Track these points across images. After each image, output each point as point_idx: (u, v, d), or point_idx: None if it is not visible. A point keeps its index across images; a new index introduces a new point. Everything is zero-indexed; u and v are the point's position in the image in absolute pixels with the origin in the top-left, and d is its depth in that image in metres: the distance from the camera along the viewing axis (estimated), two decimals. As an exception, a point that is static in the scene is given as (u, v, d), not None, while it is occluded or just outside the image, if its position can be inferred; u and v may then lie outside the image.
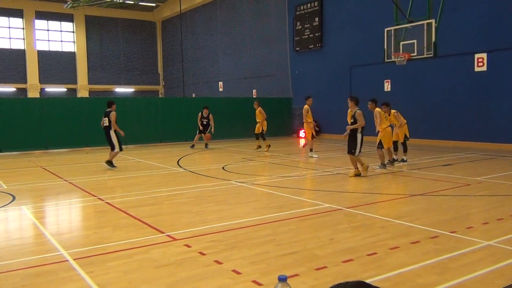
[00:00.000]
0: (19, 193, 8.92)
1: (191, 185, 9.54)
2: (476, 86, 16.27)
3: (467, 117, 16.58)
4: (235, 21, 29.45)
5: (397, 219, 6.30)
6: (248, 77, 28.02)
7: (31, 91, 33.23)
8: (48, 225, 6.55)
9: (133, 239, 5.53)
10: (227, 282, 4.11)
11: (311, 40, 23.17)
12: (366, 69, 20.29)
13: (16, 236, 6.01)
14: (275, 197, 8.25)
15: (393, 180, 9.92)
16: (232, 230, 5.92)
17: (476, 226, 5.94)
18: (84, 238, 5.89)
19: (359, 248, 5.03)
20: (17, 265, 4.70)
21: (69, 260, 4.79)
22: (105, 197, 8.28)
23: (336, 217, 6.62)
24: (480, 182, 9.24)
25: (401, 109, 18.74)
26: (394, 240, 5.31)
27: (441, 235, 5.49)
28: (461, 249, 4.93)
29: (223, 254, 4.90)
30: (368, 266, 4.46)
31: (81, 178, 10.84)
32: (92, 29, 36.29)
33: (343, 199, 8.11)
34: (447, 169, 11.12)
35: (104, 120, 12.31)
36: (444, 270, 4.33)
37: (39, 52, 34.10)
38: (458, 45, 16.46)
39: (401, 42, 14.71)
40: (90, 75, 36.18)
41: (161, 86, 39.67)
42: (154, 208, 7.63)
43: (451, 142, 16.96)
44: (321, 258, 4.71)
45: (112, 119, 12.13)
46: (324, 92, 22.17)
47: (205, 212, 7.08)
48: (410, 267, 4.39)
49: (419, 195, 8.02)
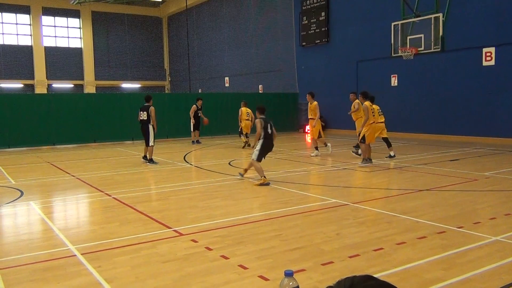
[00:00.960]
0: (27, 188, 8.99)
1: (197, 181, 9.56)
2: (484, 81, 16.14)
3: (475, 112, 16.47)
4: (241, 17, 29.39)
5: (403, 214, 6.28)
6: (254, 72, 27.99)
7: (39, 87, 33.41)
8: (56, 220, 6.60)
9: (140, 234, 5.56)
10: (233, 277, 4.12)
11: (318, 35, 23.08)
12: (373, 64, 20.19)
13: (25, 231, 6.06)
14: (281, 192, 8.25)
15: (400, 175, 9.89)
16: (239, 225, 5.94)
17: (483, 222, 5.91)
18: (91, 233, 5.93)
19: (365, 243, 5.03)
20: (25, 260, 4.74)
21: (77, 255, 4.83)
22: (112, 193, 8.33)
23: (343, 212, 6.61)
24: (488, 177, 9.19)
25: (408, 104, 18.77)
26: (400, 235, 5.30)
27: (448, 230, 5.47)
28: (468, 245, 4.91)
29: (229, 249, 4.91)
30: (375, 261, 4.45)
31: (88, 173, 10.90)
32: (99, 25, 36.37)
33: (349, 194, 8.10)
34: (454, 164, 11.06)
35: (141, 113, 12.39)
36: (451, 265, 4.32)
37: (46, 48, 34.24)
38: (466, 39, 16.33)
39: (408, 36, 14.63)
40: (97, 71, 36.30)
41: (168, 82, 39.73)
42: (160, 203, 7.67)
43: (458, 137, 16.86)
44: (328, 253, 4.71)
45: (152, 114, 12.18)
46: (331, 87, 22.11)
47: (211, 207, 7.10)
48: (416, 263, 4.38)
49: (425, 190, 7.99)
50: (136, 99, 21.17)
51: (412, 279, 3.98)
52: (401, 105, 18.89)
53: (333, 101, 21.40)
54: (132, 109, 20.07)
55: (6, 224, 6.64)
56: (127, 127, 19.79)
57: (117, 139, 19.36)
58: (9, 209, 7.32)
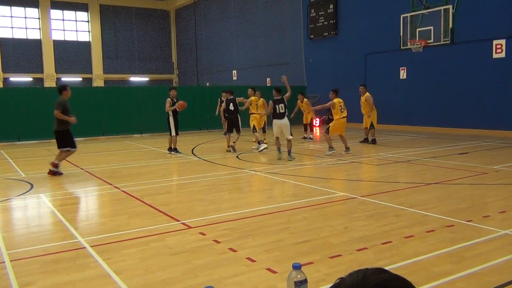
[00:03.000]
0: (37, 181, 9.07)
1: (205, 174, 9.59)
2: (494, 73, 15.96)
3: (485, 105, 16.31)
4: (249, 9, 29.28)
5: (412, 207, 6.26)
6: (262, 65, 27.90)
7: (48, 81, 33.57)
8: (66, 212, 6.66)
9: (148, 227, 5.60)
10: (241, 270, 4.14)
11: (326, 27, 22.93)
12: (382, 57, 20.04)
13: (35, 224, 6.13)
14: (289, 185, 8.26)
15: (408, 168, 9.84)
16: (247, 218, 5.95)
17: (492, 215, 5.88)
18: (100, 225, 5.98)
19: (373, 236, 5.02)
20: (36, 252, 4.80)
21: (87, 247, 4.88)
22: (121, 185, 8.38)
23: (351, 205, 6.61)
24: (498, 170, 9.12)
25: (417, 97, 18.64)
26: (409, 228, 5.29)
27: (457, 223, 5.45)
28: (477, 238, 4.89)
29: (237, 242, 4.93)
30: (383, 255, 4.45)
31: (97, 166, 10.97)
32: (107, 18, 36.42)
33: (358, 187, 8.09)
34: (464, 157, 10.99)
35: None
36: (460, 259, 4.30)
37: (54, 42, 34.37)
38: (476, 31, 16.14)
39: (417, 28, 14.52)
40: (105, 64, 36.39)
41: (175, 75, 39.76)
42: (169, 196, 7.71)
43: (467, 130, 16.72)
44: (336, 246, 4.71)
45: (166, 105, 12.63)
46: (339, 80, 21.96)
47: (219, 200, 7.13)
48: (425, 256, 4.37)
49: (434, 183, 7.95)
50: (144, 92, 21.28)
51: (420, 273, 3.98)
52: (410, 98, 18.77)
53: (341, 94, 21.21)
54: (139, 103, 20.19)
55: (17, 217, 6.73)
56: (135, 121, 19.90)
57: (125, 133, 19.46)
58: (20, 202, 7.40)
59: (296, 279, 2.04)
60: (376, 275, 0.97)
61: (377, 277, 0.97)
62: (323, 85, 22.02)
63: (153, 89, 24.02)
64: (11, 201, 7.47)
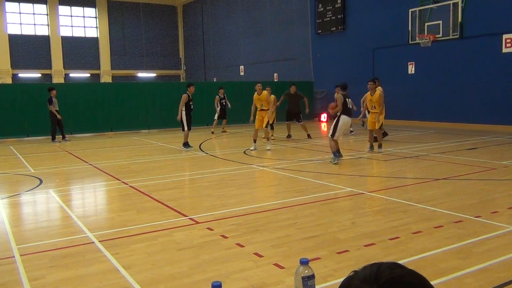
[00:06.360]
0: (46, 176, 9.14)
1: (212, 169, 9.61)
2: (504, 68, 15.80)
3: (494, 100, 16.16)
4: (256, 4, 29.19)
5: (420, 203, 6.23)
6: (269, 61, 27.84)
7: (56, 77, 33.76)
8: (74, 208, 6.71)
9: (156, 222, 5.63)
10: (249, 265, 4.15)
11: (333, 22, 22.81)
12: (390, 52, 19.91)
13: (44, 219, 6.19)
14: (296, 181, 8.25)
15: (416, 164, 9.79)
16: (254, 213, 5.96)
17: (501, 211, 5.83)
18: (108, 220, 6.02)
19: (381, 232, 5.01)
20: (45, 247, 4.84)
21: (95, 242, 4.92)
22: (128, 181, 8.42)
23: (358, 201, 6.59)
24: (506, 166, 9.04)
25: (425, 92, 18.51)
26: (417, 224, 5.27)
27: (465, 219, 5.42)
28: (486, 234, 4.86)
29: (244, 237, 4.94)
30: (390, 250, 4.44)
31: (105, 162, 11.03)
32: (114, 14, 36.49)
33: (365, 183, 8.06)
34: (472, 153, 10.91)
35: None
36: (468, 254, 4.28)
37: (63, 38, 34.50)
38: (485, 25, 15.97)
39: (426, 23, 14.42)
40: (113, 60, 36.50)
41: (183, 71, 39.78)
42: (176, 191, 7.73)
43: (476, 125, 16.59)
44: (343, 242, 4.71)
45: (182, 101, 12.54)
46: (346, 76, 21.84)
47: (226, 195, 7.14)
48: (433, 252, 4.35)
49: (442, 179, 7.91)
50: (152, 88, 21.32)
51: (428, 268, 3.96)
52: (418, 93, 18.64)
53: (348, 90, 21.16)
54: (147, 98, 20.25)
55: (26, 212, 6.79)
56: (143, 116, 19.97)
57: (133, 128, 19.55)
58: (29, 197, 7.46)
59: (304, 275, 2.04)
60: (390, 269, 0.96)
61: (390, 272, 0.96)
62: (330, 81, 21.93)
63: (160, 84, 24.05)
64: (21, 197, 7.54)
